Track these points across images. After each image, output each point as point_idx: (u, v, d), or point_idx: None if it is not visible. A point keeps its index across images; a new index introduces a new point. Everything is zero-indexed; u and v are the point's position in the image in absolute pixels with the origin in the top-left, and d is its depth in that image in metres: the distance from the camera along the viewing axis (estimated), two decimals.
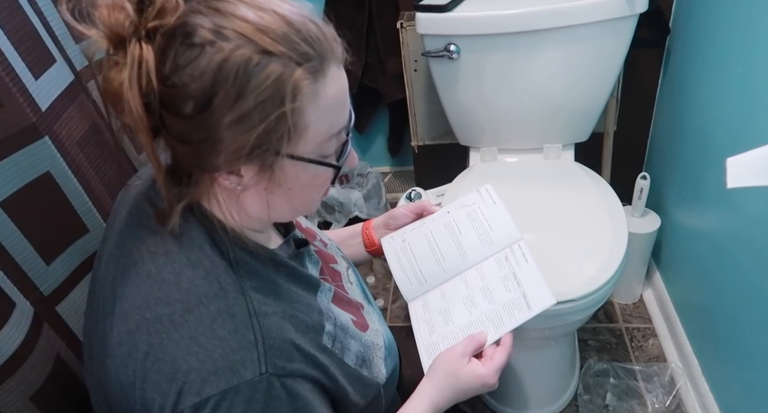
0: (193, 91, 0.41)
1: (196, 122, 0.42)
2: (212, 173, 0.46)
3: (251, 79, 0.41)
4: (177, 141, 0.44)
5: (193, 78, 0.40)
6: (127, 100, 0.41)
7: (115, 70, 0.41)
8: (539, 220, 1.02)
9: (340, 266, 0.66)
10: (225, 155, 0.43)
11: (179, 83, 0.41)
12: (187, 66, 0.40)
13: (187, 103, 0.41)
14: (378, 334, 0.60)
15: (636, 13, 1.00)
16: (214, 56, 0.40)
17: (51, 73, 0.64)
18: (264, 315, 0.46)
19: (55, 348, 0.60)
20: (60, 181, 0.62)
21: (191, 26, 0.41)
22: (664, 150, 1.29)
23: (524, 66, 1.08)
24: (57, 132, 0.63)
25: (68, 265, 0.65)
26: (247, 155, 0.43)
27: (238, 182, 0.46)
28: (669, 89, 1.24)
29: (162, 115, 0.42)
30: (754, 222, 0.85)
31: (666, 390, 1.13)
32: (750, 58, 0.86)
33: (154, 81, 0.41)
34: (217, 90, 0.40)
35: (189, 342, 0.43)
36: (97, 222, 0.68)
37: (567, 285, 0.87)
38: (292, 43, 0.42)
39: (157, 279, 0.46)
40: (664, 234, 1.26)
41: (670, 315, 1.23)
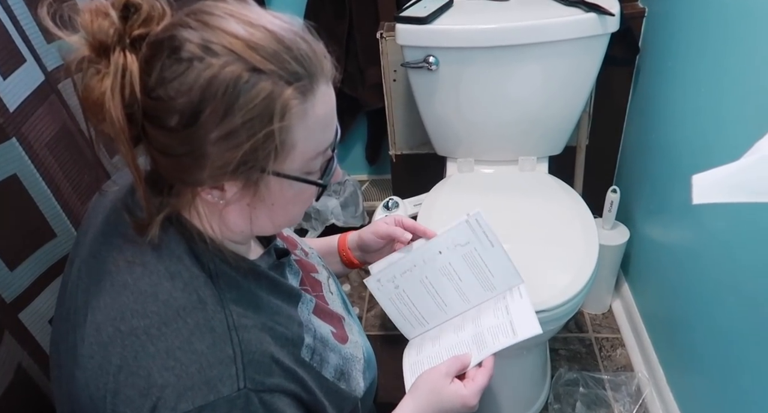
0: (179, 106, 0.40)
1: (180, 136, 0.41)
2: (194, 187, 0.45)
3: (240, 96, 0.40)
4: (159, 153, 0.43)
5: (179, 92, 0.39)
6: (108, 110, 0.39)
7: (96, 79, 0.40)
8: (513, 230, 1.03)
9: (320, 276, 0.65)
10: (209, 171, 0.42)
11: (165, 96, 0.40)
12: (174, 80, 0.39)
13: (172, 117, 0.40)
14: (357, 346, 0.60)
15: (608, 32, 1.04)
16: (203, 72, 0.39)
17: (20, 73, 0.62)
18: (243, 328, 0.45)
19: (17, 357, 0.58)
20: (27, 184, 0.60)
21: (179, 40, 0.40)
22: (633, 164, 1.33)
23: (501, 80, 1.11)
24: (25, 134, 0.61)
25: (33, 271, 0.63)
26: (232, 171, 0.42)
27: (221, 196, 0.45)
28: (638, 106, 1.28)
29: (144, 125, 0.42)
30: (716, 236, 0.89)
31: (633, 399, 1.16)
32: (715, 77, 0.90)
33: (138, 92, 0.40)
34: (205, 106, 0.40)
35: (165, 356, 0.42)
36: (66, 227, 0.66)
37: (539, 296, 0.88)
38: (283, 62, 0.41)
39: (133, 290, 0.45)
40: (633, 246, 1.30)
41: (638, 326, 1.26)
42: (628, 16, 1.15)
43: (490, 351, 0.62)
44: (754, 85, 0.77)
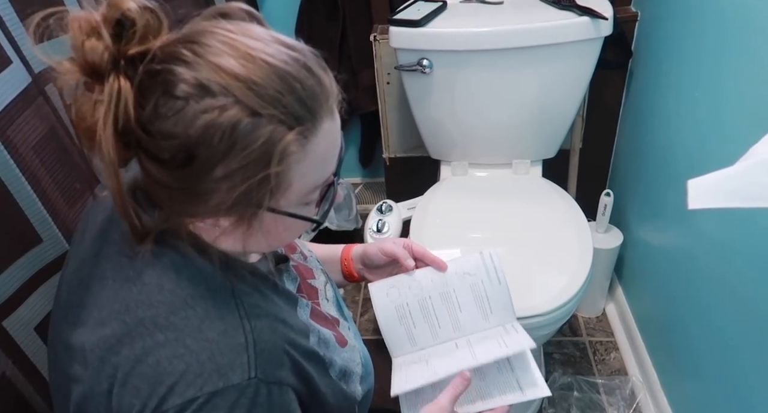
0: (174, 145, 0.38)
1: (174, 173, 0.39)
2: (187, 217, 0.44)
3: (238, 142, 0.38)
4: (153, 182, 0.41)
5: (174, 132, 0.37)
6: (99, 141, 0.37)
7: (88, 105, 0.38)
8: (507, 234, 1.03)
9: (317, 282, 0.64)
10: (202, 207, 0.41)
11: (159, 133, 0.38)
12: (170, 118, 0.37)
13: (166, 154, 0.38)
14: (355, 351, 0.59)
15: (602, 35, 1.04)
16: (201, 115, 0.37)
17: (5, 76, 0.61)
18: (256, 316, 0.44)
19: (0, 366, 0.56)
20: (12, 188, 0.59)
21: (174, 76, 0.37)
22: (626, 168, 1.34)
23: (495, 83, 1.10)
24: (10, 137, 0.60)
25: (18, 277, 0.61)
26: (225, 209, 0.41)
27: (215, 223, 0.44)
28: (631, 109, 1.29)
29: (139, 155, 0.40)
30: (709, 240, 0.89)
31: (627, 403, 1.16)
32: (708, 80, 0.91)
33: (133, 122, 0.38)
34: (201, 150, 0.38)
35: (175, 344, 0.41)
36: (52, 232, 0.65)
37: (534, 300, 0.88)
38: (285, 105, 0.39)
39: (136, 283, 0.43)
40: (626, 250, 1.30)
41: (631, 329, 1.26)
42: (620, 20, 1.15)
43: (495, 404, 0.62)
44: (749, 89, 0.77)
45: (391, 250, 0.68)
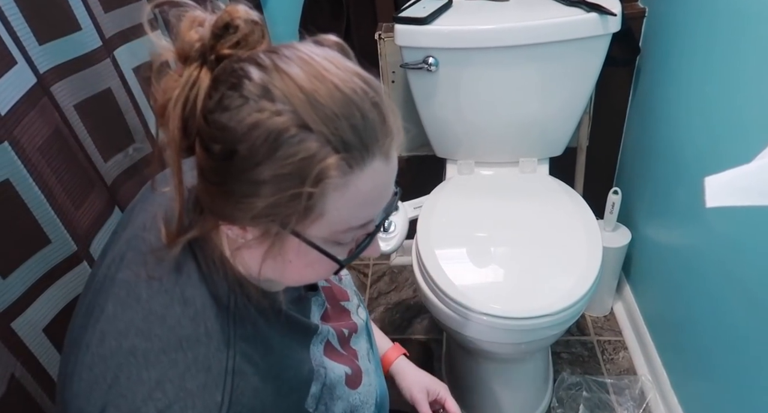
0: (223, 137, 0.39)
1: (215, 165, 0.40)
2: (218, 218, 0.43)
3: (279, 149, 0.37)
4: (200, 174, 0.42)
5: (227, 125, 0.38)
6: (167, 116, 0.39)
7: (170, 83, 0.40)
8: (515, 233, 1.02)
9: (350, 304, 0.63)
10: (231, 209, 0.41)
11: (216, 123, 0.39)
12: (228, 111, 0.38)
13: (215, 145, 0.39)
14: (371, 390, 0.57)
15: (609, 32, 1.03)
16: (253, 113, 0.37)
17: (11, 76, 0.61)
18: (242, 374, 0.43)
19: (9, 368, 0.56)
20: (20, 189, 0.59)
21: (244, 74, 0.39)
22: (634, 166, 1.32)
23: (502, 81, 1.10)
24: (17, 138, 0.59)
25: (27, 279, 0.61)
26: (251, 218, 0.40)
27: (241, 235, 0.43)
28: (639, 107, 1.28)
29: (195, 141, 0.41)
30: (720, 238, 0.88)
31: (636, 403, 1.15)
32: (717, 77, 0.90)
33: (198, 109, 0.39)
34: (243, 146, 0.38)
35: (155, 385, 0.41)
36: (60, 233, 0.64)
37: (543, 300, 0.87)
38: (338, 127, 0.38)
39: (144, 307, 0.44)
40: (635, 248, 1.29)
41: (640, 328, 1.25)
42: (628, 17, 1.14)
43: None
44: (761, 85, 0.76)
45: (415, 398, 0.74)
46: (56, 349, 0.65)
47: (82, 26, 0.74)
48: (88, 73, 0.76)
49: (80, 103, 0.76)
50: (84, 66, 0.76)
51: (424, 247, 1.00)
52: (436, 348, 1.34)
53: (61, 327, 0.66)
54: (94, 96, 0.78)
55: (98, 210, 0.75)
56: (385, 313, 1.47)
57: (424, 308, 1.45)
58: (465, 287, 0.91)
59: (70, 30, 0.73)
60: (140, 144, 0.88)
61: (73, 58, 0.74)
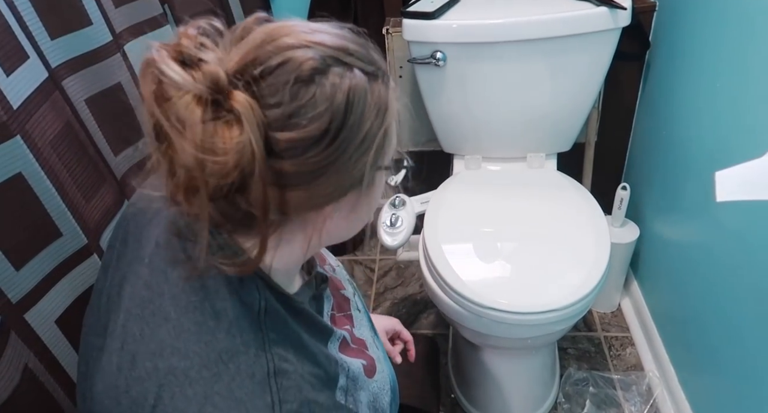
0: (325, 121, 0.37)
1: (324, 153, 0.38)
2: (322, 208, 0.42)
3: (367, 100, 0.39)
4: (281, 188, 0.39)
5: (321, 111, 0.37)
6: (254, 180, 0.35)
7: (226, 130, 0.34)
8: (523, 229, 1.02)
9: (348, 292, 0.64)
10: (349, 181, 0.41)
11: (306, 118, 0.37)
12: (313, 99, 0.37)
13: (317, 132, 0.37)
14: (384, 377, 0.58)
15: (619, 26, 1.02)
16: (338, 85, 0.38)
17: (23, 70, 0.61)
18: (284, 374, 0.43)
19: (23, 358, 0.57)
20: (32, 182, 0.59)
21: (298, 60, 0.37)
22: (642, 161, 1.32)
23: (510, 75, 1.09)
24: (29, 131, 0.60)
25: (39, 271, 0.62)
26: (358, 179, 0.41)
27: (333, 209, 0.43)
28: (648, 102, 1.27)
29: (263, 166, 0.36)
30: (730, 234, 0.87)
31: (644, 398, 1.15)
32: (727, 72, 0.89)
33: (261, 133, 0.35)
34: (348, 117, 0.38)
35: (203, 400, 0.40)
36: (71, 226, 0.65)
37: (551, 295, 0.87)
38: (370, 60, 0.41)
39: (175, 325, 0.42)
40: (643, 244, 1.28)
41: (648, 324, 1.25)
42: (638, 11, 1.13)
43: None
44: None
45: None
46: (68, 341, 0.66)
47: (93, 21, 0.75)
48: (98, 68, 0.77)
49: (91, 97, 0.77)
50: (95, 61, 0.76)
51: (432, 242, 1.01)
52: (442, 343, 1.34)
53: (72, 318, 0.66)
54: (104, 90, 0.79)
55: (108, 204, 0.76)
56: (391, 308, 1.47)
57: (430, 303, 1.45)
58: (472, 282, 0.91)
59: (81, 25, 0.73)
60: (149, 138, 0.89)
61: (84, 52, 0.74)
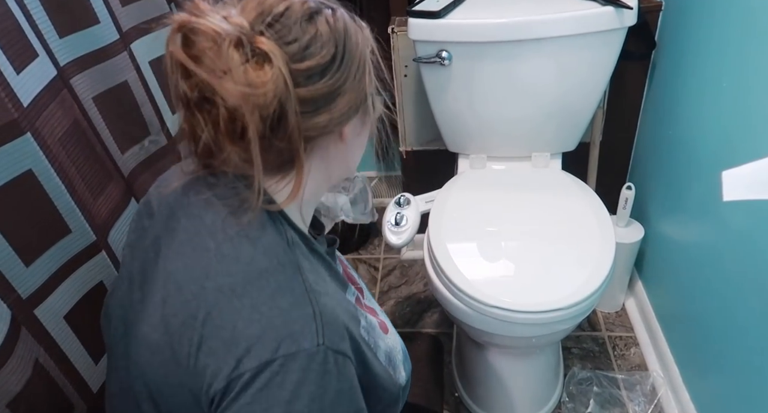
0: (331, 48, 0.45)
1: (334, 75, 0.45)
2: (342, 128, 0.49)
3: (358, 31, 0.47)
4: (309, 115, 0.45)
5: (328, 40, 0.45)
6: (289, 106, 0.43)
7: (259, 67, 0.41)
8: (528, 228, 1.02)
9: (351, 270, 0.67)
10: (348, 103, 0.47)
11: (316, 46, 0.44)
12: (318, 31, 0.44)
13: (327, 58, 0.45)
14: (395, 338, 0.61)
15: (625, 26, 1.02)
16: (334, 20, 0.46)
17: (33, 68, 0.62)
18: (318, 293, 0.46)
19: (34, 353, 0.57)
20: (42, 179, 0.60)
21: (293, 6, 0.44)
22: (647, 161, 1.31)
23: (515, 74, 1.09)
24: (39, 129, 0.60)
25: (48, 267, 0.62)
26: (362, 101, 0.48)
27: (359, 124, 0.51)
28: (653, 102, 1.26)
29: (297, 95, 0.43)
30: (735, 234, 0.87)
31: (648, 398, 1.14)
32: (734, 71, 0.88)
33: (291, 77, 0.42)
34: (347, 44, 0.46)
35: (250, 310, 0.43)
36: (80, 223, 0.66)
37: (555, 294, 0.87)
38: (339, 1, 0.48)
39: (216, 254, 0.46)
40: (647, 244, 1.28)
41: (652, 324, 1.25)
42: (644, 10, 1.13)
43: None
44: None
45: None
46: (76, 336, 0.67)
47: (100, 20, 0.76)
48: (105, 66, 0.78)
49: (98, 95, 0.77)
50: (102, 59, 0.77)
51: (436, 241, 1.01)
52: (446, 342, 1.34)
53: (80, 314, 0.67)
54: (111, 88, 0.79)
55: (116, 201, 0.76)
56: (395, 307, 1.48)
57: (434, 302, 1.45)
58: (477, 280, 0.91)
59: (88, 23, 0.74)
60: (156, 137, 0.90)
61: (91, 51, 0.75)
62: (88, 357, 0.69)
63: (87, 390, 0.68)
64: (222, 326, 0.43)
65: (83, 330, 0.67)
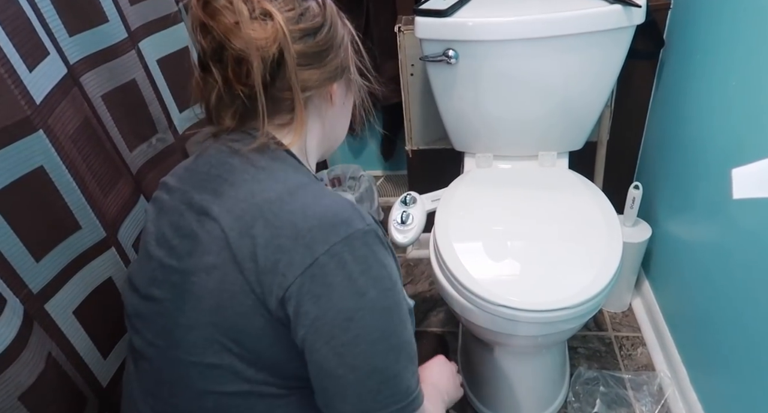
0: (319, 20, 0.55)
1: (321, 41, 0.55)
2: (327, 86, 0.58)
3: (339, 15, 0.59)
4: (304, 67, 0.55)
5: (314, 22, 0.55)
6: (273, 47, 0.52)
7: (263, 23, 0.52)
8: (534, 227, 1.02)
9: None
10: (333, 67, 0.57)
11: (310, 18, 0.55)
12: (310, 13, 0.55)
13: (321, 29, 0.55)
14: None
15: (633, 24, 1.01)
16: (326, 3, 0.57)
17: (45, 66, 0.63)
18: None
19: (46, 346, 0.58)
20: (53, 176, 0.61)
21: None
22: (655, 160, 1.31)
23: (522, 73, 1.09)
24: (51, 126, 0.61)
25: (58, 263, 0.63)
26: (342, 70, 0.59)
27: (329, 94, 0.59)
28: (661, 101, 1.26)
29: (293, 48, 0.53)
30: (743, 233, 0.87)
31: (655, 399, 1.14)
32: (743, 70, 0.88)
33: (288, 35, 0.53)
34: (333, 20, 0.57)
35: (302, 209, 0.50)
36: (90, 219, 0.66)
37: (562, 293, 0.87)
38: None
39: (253, 181, 0.53)
40: (655, 244, 1.27)
41: (659, 325, 1.24)
42: (653, 8, 1.12)
43: None
44: None
45: None
46: (85, 331, 0.67)
47: (109, 18, 0.76)
48: (114, 65, 0.78)
49: (107, 93, 0.78)
50: (110, 57, 0.77)
51: (442, 240, 1.01)
52: (451, 341, 1.34)
53: (88, 310, 0.68)
54: (119, 87, 0.80)
55: (125, 198, 0.77)
56: None
57: (439, 301, 1.45)
58: (483, 279, 0.91)
59: (97, 22, 0.74)
60: (163, 134, 0.90)
61: (100, 49, 0.76)
62: (96, 351, 0.69)
63: (97, 384, 0.69)
64: (282, 226, 0.49)
65: (91, 325, 0.68)
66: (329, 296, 0.48)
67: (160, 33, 0.88)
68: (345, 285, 0.48)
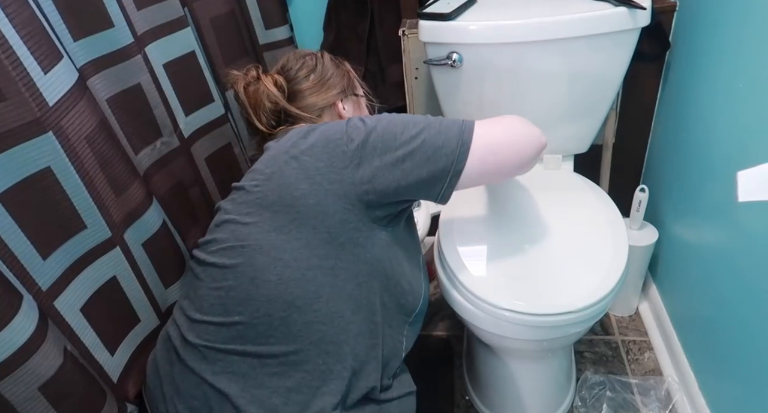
0: (317, 72, 0.87)
1: (319, 80, 0.85)
2: (335, 104, 0.86)
3: (338, 64, 0.90)
4: (307, 92, 0.84)
5: (306, 73, 0.86)
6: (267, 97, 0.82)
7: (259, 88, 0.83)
8: (539, 230, 1.02)
9: None
10: (335, 91, 0.86)
11: (295, 77, 0.85)
12: (300, 69, 0.86)
13: (309, 71, 0.86)
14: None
15: (639, 26, 1.01)
16: (325, 59, 0.89)
17: (60, 69, 0.63)
18: None
19: (62, 341, 0.59)
20: (60, 177, 0.61)
21: (289, 65, 0.87)
22: (662, 163, 1.30)
23: (527, 76, 1.09)
24: (64, 127, 0.62)
25: (63, 261, 0.64)
26: (342, 91, 0.87)
27: (341, 107, 0.86)
28: (668, 103, 1.25)
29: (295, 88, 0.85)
30: (751, 237, 0.86)
31: (662, 404, 1.13)
32: (749, 72, 0.87)
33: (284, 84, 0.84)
34: (320, 68, 0.87)
35: (332, 124, 0.72)
36: (96, 219, 0.67)
37: (568, 297, 0.86)
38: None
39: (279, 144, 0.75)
40: (662, 247, 1.26)
41: (667, 329, 1.23)
42: (658, 11, 1.12)
43: None
44: None
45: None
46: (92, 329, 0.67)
47: (114, 24, 0.77)
48: (119, 69, 0.79)
49: (112, 97, 0.79)
50: (116, 61, 0.78)
51: (447, 243, 1.00)
52: (456, 345, 1.34)
53: (95, 307, 0.68)
54: (125, 90, 0.81)
55: (139, 200, 0.77)
56: None
57: (444, 305, 1.44)
58: (488, 283, 0.91)
59: (102, 27, 0.75)
60: (168, 138, 0.91)
61: (105, 53, 0.76)
62: (104, 348, 0.70)
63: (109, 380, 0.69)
64: (322, 133, 0.70)
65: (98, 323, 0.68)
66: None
67: (166, 37, 0.89)
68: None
